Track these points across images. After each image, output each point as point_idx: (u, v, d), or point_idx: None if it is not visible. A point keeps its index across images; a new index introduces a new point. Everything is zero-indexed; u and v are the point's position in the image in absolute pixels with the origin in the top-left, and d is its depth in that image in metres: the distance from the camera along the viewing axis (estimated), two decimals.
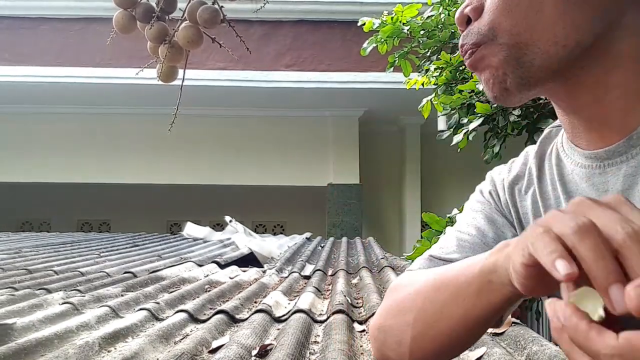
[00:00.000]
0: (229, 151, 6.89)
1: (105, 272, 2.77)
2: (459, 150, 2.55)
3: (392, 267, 3.00)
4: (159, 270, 2.77)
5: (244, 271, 3.03)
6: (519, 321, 1.54)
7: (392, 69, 3.28)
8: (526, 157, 0.69)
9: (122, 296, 2.05)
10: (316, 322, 1.75)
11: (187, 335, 1.55)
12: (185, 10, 0.70)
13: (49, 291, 2.16)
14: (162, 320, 1.70)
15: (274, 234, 6.71)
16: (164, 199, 7.74)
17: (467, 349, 0.60)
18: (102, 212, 8.24)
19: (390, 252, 4.18)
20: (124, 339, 1.47)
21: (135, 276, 2.63)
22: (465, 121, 2.57)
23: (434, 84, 2.88)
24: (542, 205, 0.64)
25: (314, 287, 2.32)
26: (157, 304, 1.86)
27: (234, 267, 3.13)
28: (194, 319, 1.74)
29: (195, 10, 0.69)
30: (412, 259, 3.18)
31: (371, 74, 5.92)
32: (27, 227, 8.17)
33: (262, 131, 6.89)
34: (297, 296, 2.19)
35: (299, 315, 1.74)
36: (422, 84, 2.98)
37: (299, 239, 5.46)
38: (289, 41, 6.28)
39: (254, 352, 1.33)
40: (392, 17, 2.98)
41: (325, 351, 1.34)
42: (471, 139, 2.54)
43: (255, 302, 2.10)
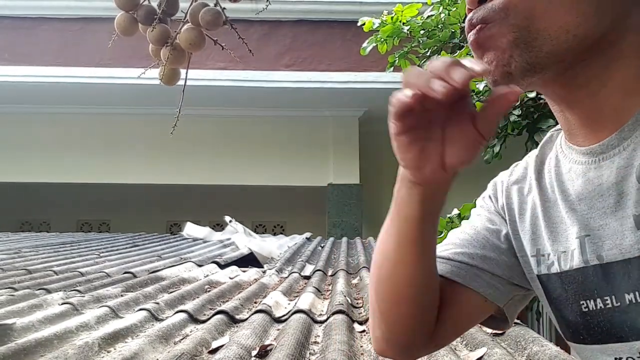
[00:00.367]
0: (228, 151, 6.89)
1: (105, 272, 2.76)
2: None
3: None
4: (159, 270, 2.77)
5: (244, 271, 3.03)
6: (519, 321, 1.53)
7: (392, 69, 3.28)
8: (527, 162, 0.70)
9: (122, 296, 2.05)
10: (316, 322, 1.75)
11: (187, 335, 1.54)
12: (187, 12, 0.70)
13: (49, 291, 2.16)
14: (162, 320, 1.69)
15: (274, 234, 6.71)
16: (163, 199, 7.73)
17: (423, 285, 0.62)
18: (102, 212, 8.24)
19: None
20: (124, 339, 1.47)
21: (135, 276, 2.63)
22: None
23: None
24: (542, 207, 0.64)
25: (314, 287, 2.32)
26: (157, 304, 1.86)
27: (234, 268, 3.12)
28: (193, 319, 1.74)
29: (197, 12, 0.68)
30: None
31: (371, 73, 5.91)
32: (27, 227, 8.16)
33: (262, 131, 6.88)
34: (297, 296, 2.19)
35: (299, 315, 1.73)
36: None
37: (299, 239, 5.46)
38: (289, 41, 6.28)
39: (254, 353, 1.33)
40: (392, 17, 2.98)
41: (325, 351, 1.33)
42: None
43: (255, 303, 2.10)
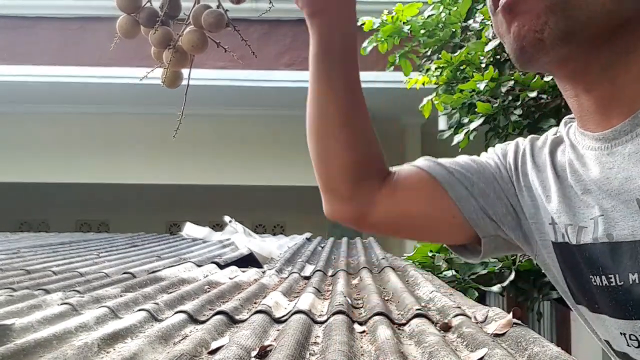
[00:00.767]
0: (228, 151, 6.88)
1: (104, 272, 2.76)
2: (460, 150, 2.54)
3: (393, 268, 2.98)
4: (158, 270, 2.76)
5: (244, 272, 3.02)
6: (520, 322, 1.53)
7: (392, 68, 3.28)
8: (547, 137, 0.68)
9: (121, 297, 2.04)
10: (316, 322, 1.74)
11: (187, 336, 1.54)
12: (189, 14, 0.69)
13: (48, 292, 2.15)
14: (161, 321, 1.69)
15: (274, 234, 6.71)
16: (163, 199, 7.73)
17: (346, 116, 0.69)
18: (101, 212, 8.24)
19: (390, 253, 4.17)
20: (123, 339, 1.46)
21: (134, 277, 2.62)
22: (466, 121, 2.57)
23: (435, 84, 2.88)
24: (558, 186, 0.62)
25: (314, 287, 2.31)
26: (156, 304, 1.85)
27: (234, 268, 3.12)
28: (193, 319, 1.73)
29: (200, 14, 0.68)
30: (412, 259, 3.18)
31: (371, 73, 5.90)
32: (26, 227, 8.15)
33: (262, 131, 6.88)
34: (297, 297, 2.18)
35: (298, 316, 1.73)
36: (423, 84, 2.98)
37: (299, 239, 5.46)
38: (289, 40, 6.27)
39: (254, 353, 1.33)
40: (392, 16, 2.98)
41: (325, 352, 1.33)
42: (472, 138, 2.54)
43: (254, 303, 2.09)
